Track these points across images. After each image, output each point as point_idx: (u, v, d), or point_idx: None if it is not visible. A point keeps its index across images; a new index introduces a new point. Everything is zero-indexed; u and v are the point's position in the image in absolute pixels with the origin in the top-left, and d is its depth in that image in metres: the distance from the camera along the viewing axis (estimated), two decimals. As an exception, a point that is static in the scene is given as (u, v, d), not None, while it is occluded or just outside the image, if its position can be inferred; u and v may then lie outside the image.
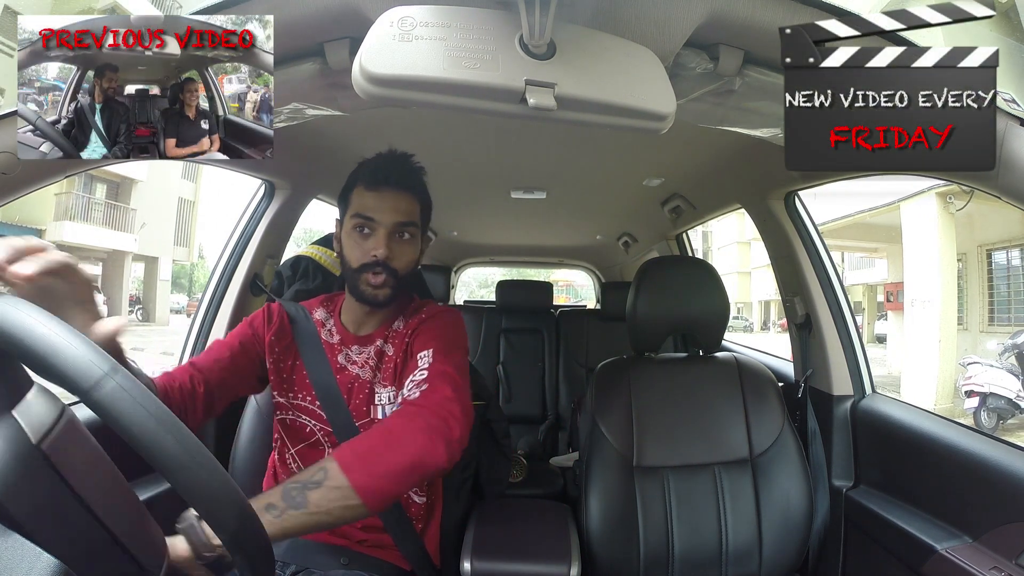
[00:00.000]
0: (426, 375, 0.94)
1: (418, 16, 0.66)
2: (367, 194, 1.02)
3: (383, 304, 1.04)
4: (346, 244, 1.04)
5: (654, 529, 1.22)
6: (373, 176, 1.02)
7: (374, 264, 1.00)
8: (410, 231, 1.04)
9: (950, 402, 6.94)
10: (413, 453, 0.83)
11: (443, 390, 0.91)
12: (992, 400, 6.11)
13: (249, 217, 1.59)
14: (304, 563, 1.00)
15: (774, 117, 0.92)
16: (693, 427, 1.30)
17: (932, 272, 7.61)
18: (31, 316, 0.46)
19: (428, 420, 0.86)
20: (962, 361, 6.74)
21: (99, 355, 0.47)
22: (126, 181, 14.02)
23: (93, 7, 8.98)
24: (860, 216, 8.59)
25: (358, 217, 1.02)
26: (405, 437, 0.84)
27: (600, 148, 1.69)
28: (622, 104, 0.71)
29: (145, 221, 14.38)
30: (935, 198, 7.55)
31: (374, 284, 1.01)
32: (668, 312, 1.38)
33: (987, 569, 0.94)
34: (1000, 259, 8.06)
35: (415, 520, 1.07)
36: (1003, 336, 6.86)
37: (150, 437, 0.46)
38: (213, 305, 1.53)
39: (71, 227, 12.76)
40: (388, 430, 0.86)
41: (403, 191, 1.03)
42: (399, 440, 0.84)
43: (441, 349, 0.98)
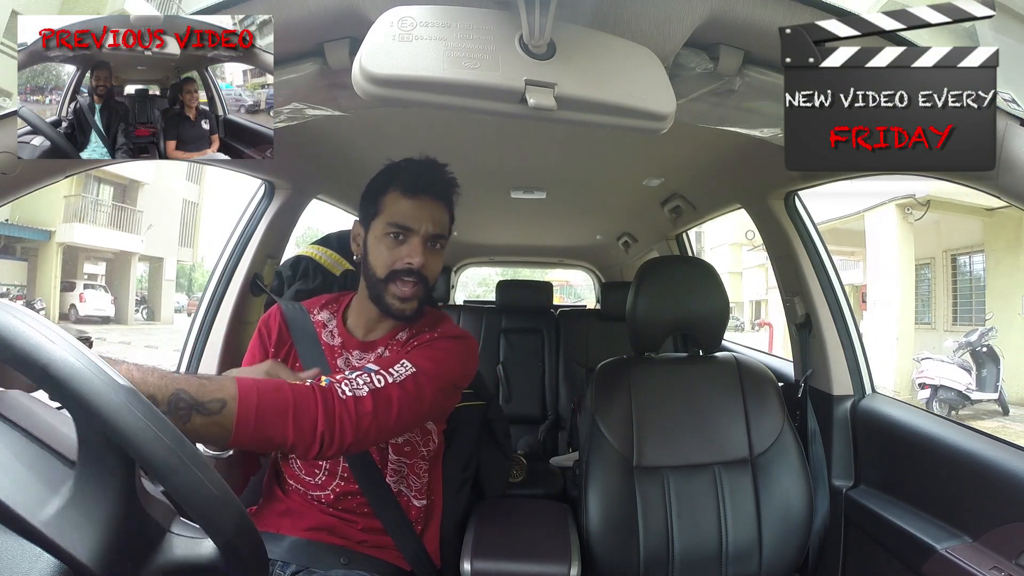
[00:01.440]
0: (382, 382, 0.86)
1: (418, 16, 0.66)
2: (404, 200, 0.99)
3: (410, 318, 1.00)
4: (374, 250, 1.00)
5: (654, 529, 1.22)
6: (413, 183, 0.99)
7: (407, 272, 0.97)
8: (442, 243, 1.02)
9: (908, 394, 7.40)
10: (290, 435, 0.77)
11: (368, 404, 0.83)
12: (943, 392, 6.67)
13: (249, 217, 1.59)
14: (304, 563, 1.00)
15: (774, 117, 0.92)
16: (693, 427, 1.30)
17: (892, 276, 8.27)
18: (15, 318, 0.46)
19: (330, 418, 0.79)
20: (916, 357, 7.32)
21: (83, 357, 0.47)
22: (133, 184, 14.21)
23: (100, 10, 9.01)
24: (831, 223, 9.20)
25: (394, 225, 0.98)
26: (301, 417, 0.77)
27: (600, 148, 1.68)
28: (622, 104, 0.71)
29: (152, 223, 14.60)
30: (895, 209, 8.26)
31: (403, 296, 0.98)
32: (668, 312, 1.38)
33: (987, 569, 0.94)
34: (963, 263, 8.73)
35: (415, 521, 1.07)
36: (963, 334, 7.47)
37: (144, 441, 0.46)
38: (213, 305, 1.53)
39: (80, 229, 12.98)
40: (296, 403, 0.78)
41: (440, 201, 1.01)
42: (295, 416, 0.77)
43: (424, 371, 0.91)
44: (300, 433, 0.77)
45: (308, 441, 0.78)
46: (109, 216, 13.75)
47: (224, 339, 1.51)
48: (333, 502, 1.03)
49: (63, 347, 0.46)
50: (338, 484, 1.04)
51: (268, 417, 0.75)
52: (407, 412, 0.87)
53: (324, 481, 1.04)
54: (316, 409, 0.79)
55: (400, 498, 1.06)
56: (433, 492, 1.12)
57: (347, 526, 1.03)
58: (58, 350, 0.45)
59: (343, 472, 1.03)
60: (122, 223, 14.11)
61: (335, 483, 1.04)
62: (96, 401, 0.45)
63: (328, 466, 1.04)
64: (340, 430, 0.80)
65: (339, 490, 1.03)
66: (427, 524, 1.10)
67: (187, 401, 0.69)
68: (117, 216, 13.99)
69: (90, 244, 13.29)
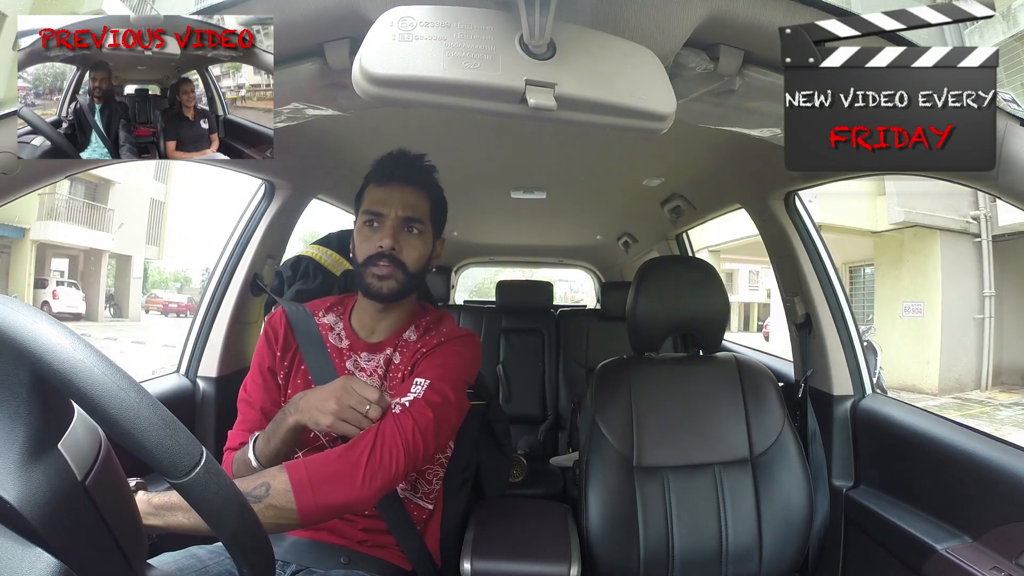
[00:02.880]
0: (408, 402, 0.93)
1: (418, 16, 0.66)
2: (377, 190, 1.04)
3: (389, 298, 1.03)
4: (356, 240, 1.05)
5: (654, 529, 1.22)
6: (381, 172, 1.05)
7: (379, 256, 1.01)
8: (418, 226, 1.04)
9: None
10: (352, 494, 0.84)
11: (408, 421, 0.90)
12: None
13: (249, 217, 1.59)
14: (305, 563, 1.00)
15: (774, 117, 0.92)
16: (693, 427, 1.30)
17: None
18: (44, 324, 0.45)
19: (380, 455, 0.87)
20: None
21: (87, 351, 0.46)
22: (104, 182, 14.43)
23: (77, 10, 8.99)
24: (746, 240, 10.20)
25: (367, 213, 1.03)
26: (353, 473, 0.85)
27: (600, 148, 1.68)
28: (622, 104, 0.71)
29: (123, 222, 14.90)
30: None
31: (379, 275, 1.01)
32: (668, 312, 1.38)
33: (987, 569, 0.94)
34: (859, 274, 10.42)
35: (416, 522, 1.07)
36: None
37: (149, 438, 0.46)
38: (213, 305, 1.53)
39: (55, 227, 13.22)
40: (345, 458, 0.86)
41: (410, 186, 1.04)
42: (349, 475, 0.85)
43: (438, 377, 0.98)
44: (355, 478, 0.84)
45: (368, 485, 0.85)
46: (81, 214, 14.00)
47: (224, 339, 1.51)
48: None
49: (93, 360, 0.45)
50: None
51: (322, 479, 0.83)
52: (440, 414, 0.93)
53: None
54: (364, 451, 0.86)
55: (407, 503, 1.06)
56: (434, 495, 1.12)
57: (347, 525, 1.03)
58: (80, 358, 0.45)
59: None
60: (94, 221, 14.36)
61: None
62: (128, 422, 0.45)
63: None
64: (393, 458, 0.86)
65: None
66: (428, 523, 1.10)
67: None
68: (89, 214, 14.24)
69: (64, 242, 13.53)
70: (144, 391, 0.46)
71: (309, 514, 0.81)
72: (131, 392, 0.45)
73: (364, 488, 0.84)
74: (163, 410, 0.47)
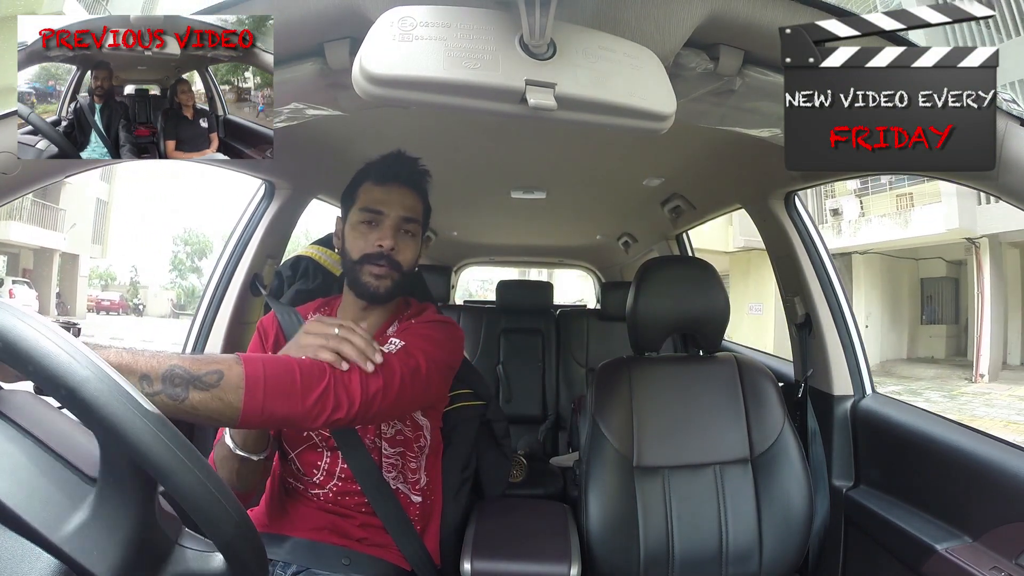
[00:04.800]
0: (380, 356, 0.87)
1: (418, 16, 0.66)
2: (376, 188, 1.04)
3: (383, 298, 1.03)
4: (350, 237, 1.05)
5: (654, 529, 1.22)
6: (383, 172, 1.05)
7: (378, 256, 1.01)
8: (413, 228, 1.06)
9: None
10: (301, 409, 0.77)
11: (376, 368, 0.85)
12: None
13: (249, 217, 1.59)
14: (305, 564, 1.00)
15: (774, 117, 0.92)
16: (693, 427, 1.30)
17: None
18: (20, 321, 0.46)
19: (337, 383, 0.81)
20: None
21: (83, 356, 0.46)
22: (54, 182, 14.65)
23: (37, 10, 8.99)
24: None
25: (366, 211, 1.03)
26: (310, 387, 0.78)
27: (600, 148, 1.68)
28: (622, 104, 0.71)
29: (75, 222, 15.20)
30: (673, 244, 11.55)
31: (376, 274, 1.01)
32: (668, 312, 1.38)
33: (987, 569, 0.94)
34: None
35: (414, 520, 1.07)
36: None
37: (143, 441, 0.46)
38: (213, 305, 1.53)
39: (16, 227, 13.56)
40: (302, 369, 0.79)
41: (410, 188, 1.06)
42: (305, 387, 0.78)
43: (413, 345, 0.94)
44: (307, 397, 0.77)
45: (317, 411, 0.78)
46: (32, 213, 14.24)
47: (224, 339, 1.51)
48: (332, 498, 1.04)
49: (92, 370, 0.46)
50: (336, 484, 1.04)
51: (276, 385, 0.75)
52: (408, 381, 0.89)
53: (322, 480, 1.04)
54: (324, 373, 0.80)
55: (398, 495, 1.06)
56: (432, 492, 1.12)
57: (346, 522, 1.03)
58: (86, 372, 0.45)
59: (341, 473, 1.04)
60: (45, 221, 14.60)
61: (333, 483, 1.04)
62: (125, 428, 0.45)
63: (326, 466, 1.04)
64: (348, 395, 0.81)
65: (337, 489, 1.04)
66: (427, 524, 1.10)
67: (182, 376, 0.68)
68: (40, 214, 14.46)
69: (20, 242, 13.83)
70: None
71: (251, 418, 0.74)
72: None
73: (312, 408, 0.78)
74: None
